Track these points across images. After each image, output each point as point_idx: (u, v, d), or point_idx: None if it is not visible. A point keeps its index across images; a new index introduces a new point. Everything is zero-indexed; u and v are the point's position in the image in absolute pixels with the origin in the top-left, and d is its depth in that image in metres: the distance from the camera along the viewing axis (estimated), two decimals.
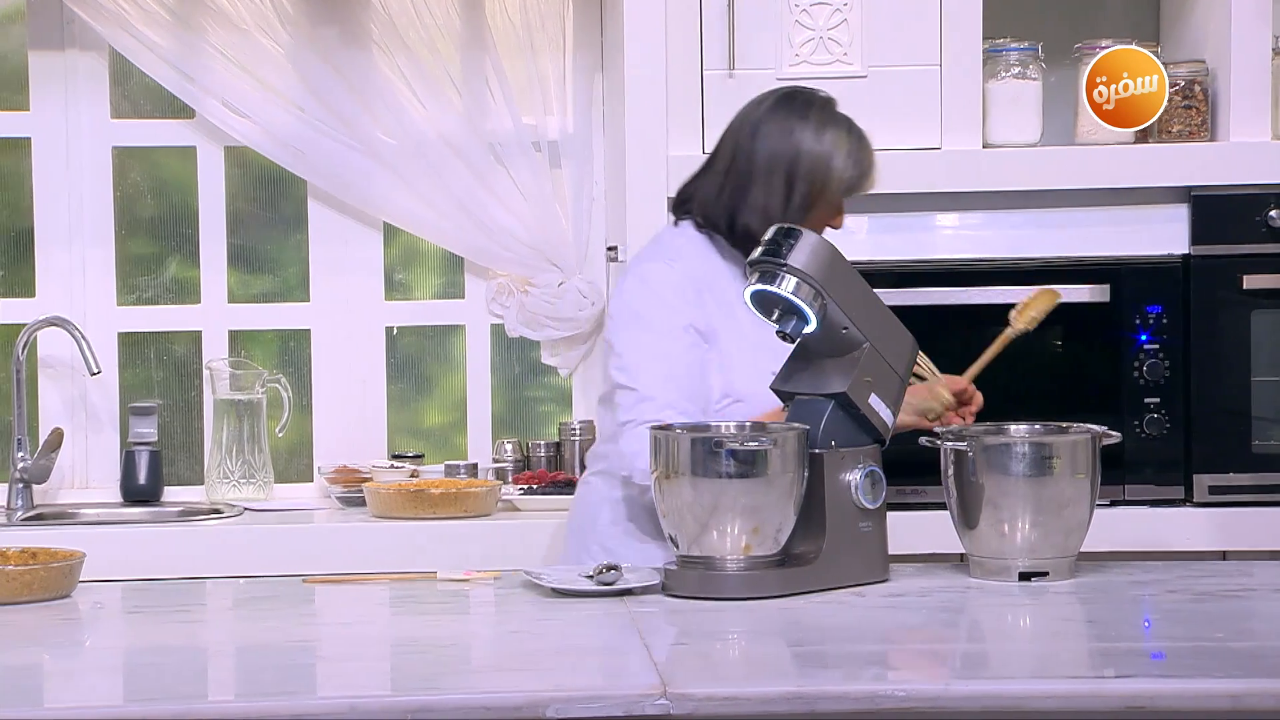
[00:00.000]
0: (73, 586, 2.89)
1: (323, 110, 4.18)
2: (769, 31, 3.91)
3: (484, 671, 2.50)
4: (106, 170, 4.28)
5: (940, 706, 2.32)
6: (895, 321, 3.03)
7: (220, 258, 4.33)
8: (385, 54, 4.20)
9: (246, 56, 4.18)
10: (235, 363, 4.29)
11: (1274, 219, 3.89)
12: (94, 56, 4.25)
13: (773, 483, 2.84)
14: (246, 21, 4.18)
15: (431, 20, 4.21)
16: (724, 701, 2.32)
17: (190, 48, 4.17)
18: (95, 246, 4.28)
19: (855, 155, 3.24)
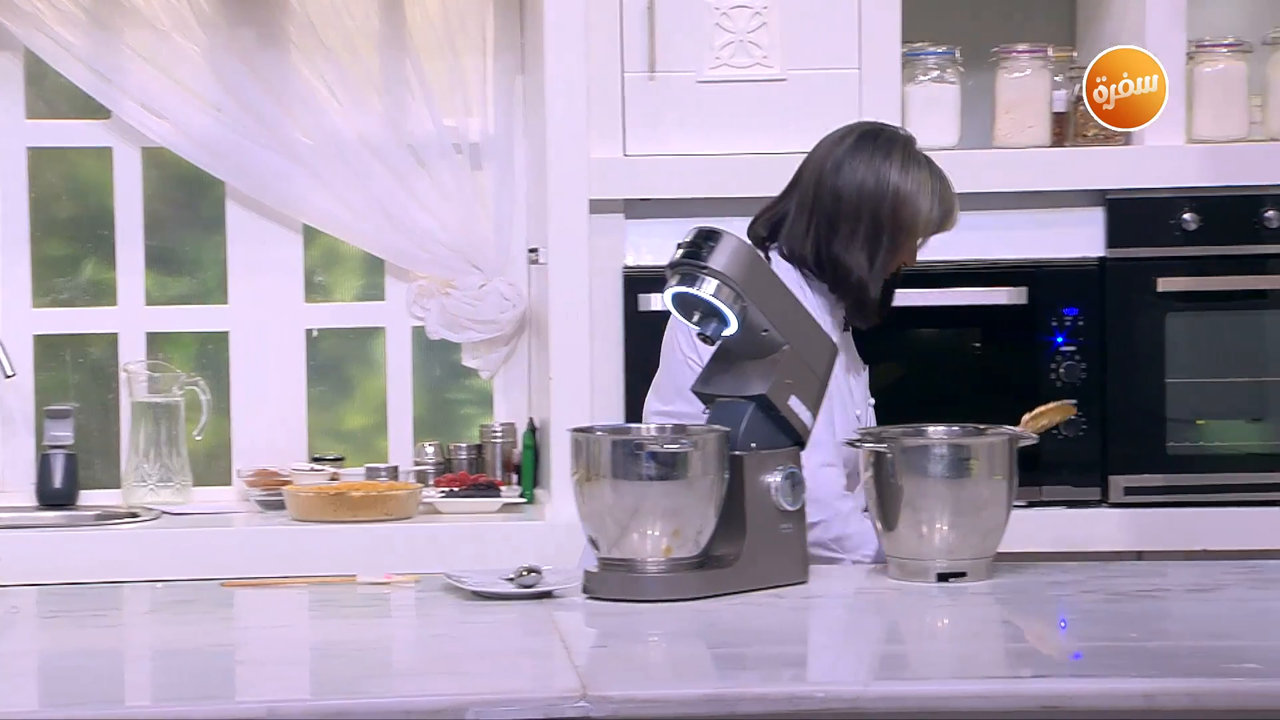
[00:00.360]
0: None
1: (241, 111, 4.15)
2: (689, 34, 3.92)
3: (404, 675, 2.49)
4: (22, 171, 4.24)
5: (859, 707, 2.33)
6: (815, 324, 3.04)
7: (138, 259, 4.29)
8: (304, 55, 4.18)
9: (163, 57, 4.15)
10: (153, 365, 4.25)
11: (1188, 222, 3.93)
12: (8, 57, 4.21)
13: (693, 485, 2.85)
14: (163, 22, 4.14)
15: (351, 21, 4.19)
16: (644, 703, 2.32)
17: (106, 48, 4.14)
18: (10, 248, 4.24)
19: (939, 194, 3.26)
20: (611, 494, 2.85)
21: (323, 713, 2.26)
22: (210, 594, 2.99)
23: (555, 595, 2.86)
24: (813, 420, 3.00)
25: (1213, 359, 3.98)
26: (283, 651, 2.64)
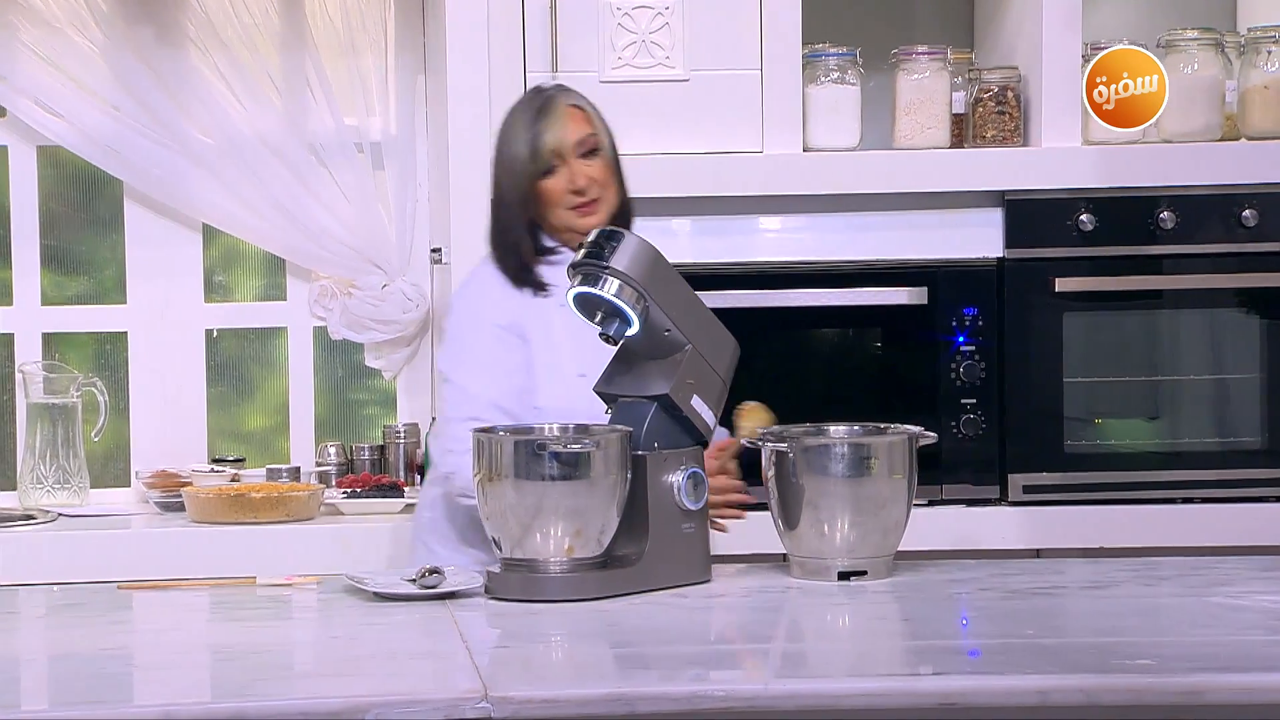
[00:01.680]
0: None
1: (138, 109, 4.11)
2: (591, 34, 3.92)
3: (304, 677, 2.48)
4: None
5: (758, 706, 2.34)
6: (718, 324, 3.05)
7: (33, 259, 4.24)
8: (202, 53, 4.14)
9: (59, 54, 4.10)
10: (49, 366, 4.20)
11: (1084, 223, 3.98)
12: None
13: (595, 485, 2.85)
14: (59, 19, 4.10)
15: (250, 19, 4.16)
16: (544, 704, 2.32)
17: (1, 45, 4.08)
18: None
19: (534, 129, 3.22)
20: (514, 494, 2.84)
21: (219, 715, 2.25)
22: (107, 597, 2.96)
23: (457, 596, 2.86)
24: (715, 420, 3.01)
25: (1109, 358, 4.03)
26: (181, 654, 2.62)
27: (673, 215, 3.96)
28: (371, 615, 2.77)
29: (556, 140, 3.22)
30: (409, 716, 2.27)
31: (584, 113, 3.26)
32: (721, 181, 3.94)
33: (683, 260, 3.55)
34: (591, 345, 3.12)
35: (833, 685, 2.40)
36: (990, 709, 2.35)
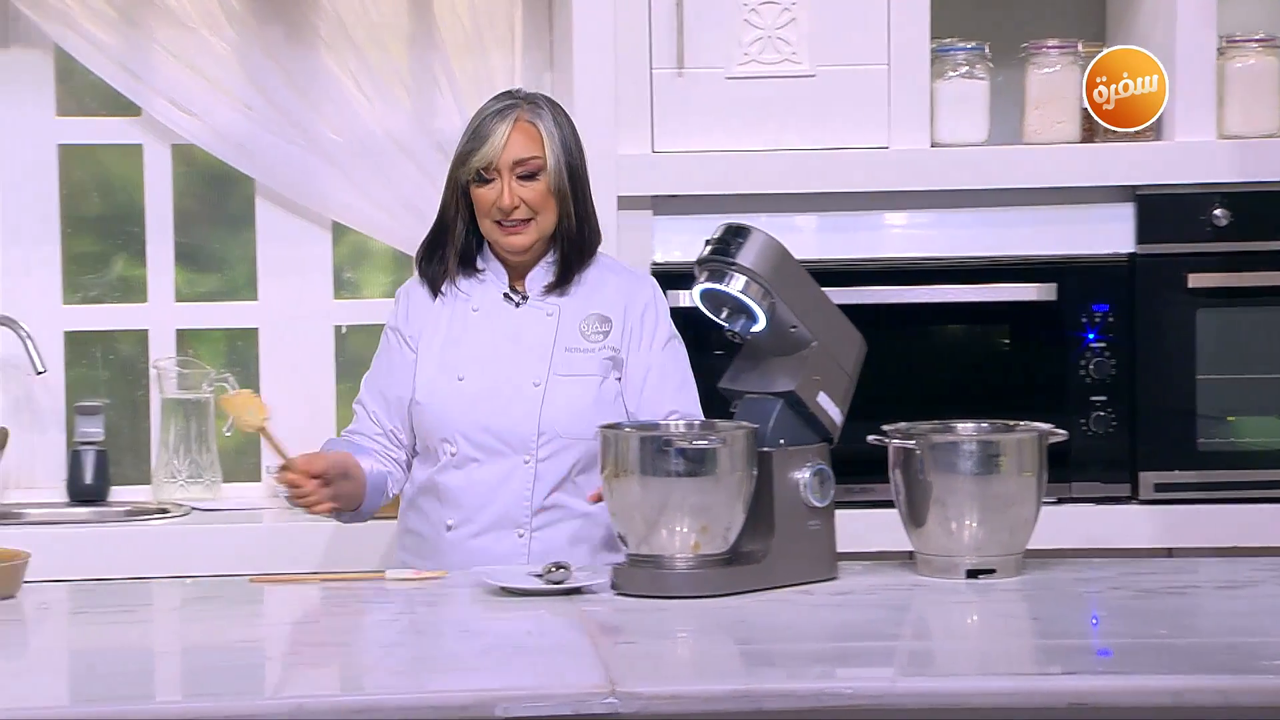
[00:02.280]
0: (18, 587, 2.87)
1: (270, 108, 4.16)
2: (718, 30, 3.92)
3: (433, 671, 2.49)
4: (52, 169, 4.26)
5: (886, 704, 2.32)
6: (844, 320, 3.04)
7: (167, 256, 4.31)
8: (333, 52, 4.18)
9: (193, 54, 4.16)
10: (183, 362, 4.26)
11: (1218, 218, 3.92)
12: (39, 54, 4.22)
13: (721, 481, 2.85)
14: (193, 19, 4.15)
15: (380, 19, 4.20)
16: (671, 700, 2.32)
17: (137, 46, 4.15)
18: (41, 245, 4.25)
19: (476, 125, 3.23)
20: (640, 490, 2.85)
21: (350, 708, 2.27)
22: (239, 590, 3.00)
23: (583, 591, 2.87)
24: (841, 416, 3.00)
25: (1243, 355, 3.97)
26: (311, 648, 2.65)
27: (797, 211, 3.96)
28: (498, 610, 2.79)
29: (493, 153, 3.20)
30: (537, 711, 2.28)
31: (536, 133, 3.22)
32: (847, 177, 3.92)
33: (808, 256, 3.53)
34: (481, 349, 3.20)
35: (961, 684, 2.38)
36: (1122, 709, 2.33)
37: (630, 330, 3.26)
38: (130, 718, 2.26)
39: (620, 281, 3.31)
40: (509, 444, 3.20)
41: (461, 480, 3.21)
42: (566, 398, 3.21)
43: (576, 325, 3.25)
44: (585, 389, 3.22)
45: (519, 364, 3.22)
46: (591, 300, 3.27)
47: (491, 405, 3.20)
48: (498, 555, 3.18)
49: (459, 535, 3.21)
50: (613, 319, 3.26)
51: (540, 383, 3.21)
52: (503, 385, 3.21)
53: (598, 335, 3.25)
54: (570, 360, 3.23)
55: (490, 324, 3.24)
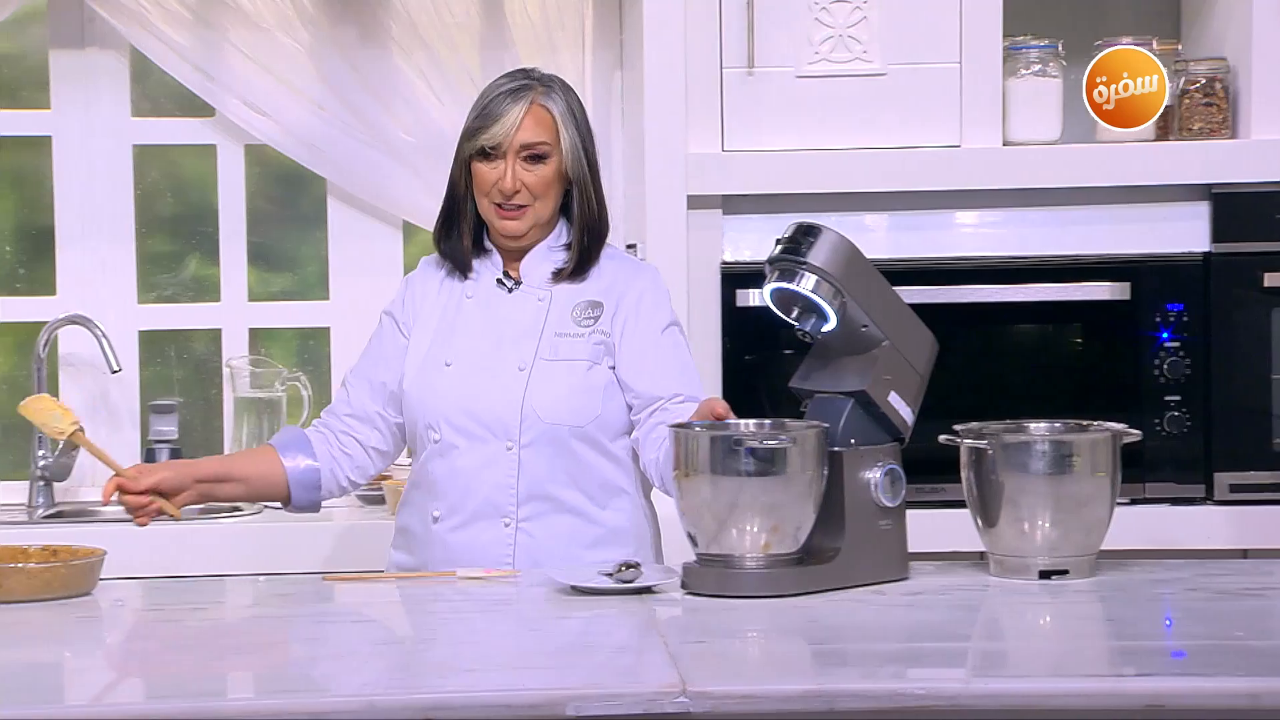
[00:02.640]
0: (93, 584, 2.89)
1: (342, 108, 4.18)
2: (788, 29, 3.91)
3: (503, 668, 2.50)
4: (127, 169, 4.29)
5: (959, 705, 2.31)
6: (915, 319, 3.02)
7: (240, 256, 4.34)
8: (404, 52, 4.20)
9: (267, 55, 4.19)
10: (255, 361, 4.29)
11: None
12: (114, 55, 4.26)
13: (792, 481, 2.84)
14: (267, 20, 4.18)
15: (451, 19, 4.21)
16: (742, 699, 2.31)
17: (211, 46, 4.18)
18: (115, 245, 4.29)
19: (479, 104, 3.15)
20: (710, 490, 2.84)
21: (420, 706, 2.27)
22: (310, 588, 3.02)
23: (654, 590, 2.87)
24: (913, 416, 2.99)
25: None
26: (381, 645, 2.66)
27: (868, 210, 3.95)
28: (568, 609, 2.79)
29: (503, 133, 3.11)
30: (608, 710, 2.28)
31: (550, 118, 3.13)
32: (918, 176, 3.91)
33: (879, 255, 3.53)
34: (470, 335, 3.15)
35: (1035, 685, 2.37)
36: (1198, 711, 2.31)
37: (624, 316, 3.17)
38: (202, 715, 2.27)
39: (617, 268, 3.22)
40: (490, 429, 3.12)
41: (445, 468, 3.14)
42: (551, 383, 3.13)
43: (568, 311, 3.17)
44: (570, 374, 3.14)
45: (506, 349, 3.15)
46: (585, 286, 3.19)
47: (474, 389, 3.13)
48: (483, 546, 3.12)
49: (444, 527, 3.15)
50: (603, 303, 3.18)
51: (525, 367, 3.14)
52: (488, 370, 3.14)
53: (588, 320, 3.17)
54: (558, 345, 3.15)
55: (482, 311, 3.19)
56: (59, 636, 2.70)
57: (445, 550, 3.15)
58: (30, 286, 4.31)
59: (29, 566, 2.84)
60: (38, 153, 4.29)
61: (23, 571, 2.82)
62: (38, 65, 4.28)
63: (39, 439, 4.16)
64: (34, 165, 4.30)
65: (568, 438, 3.13)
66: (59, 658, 2.60)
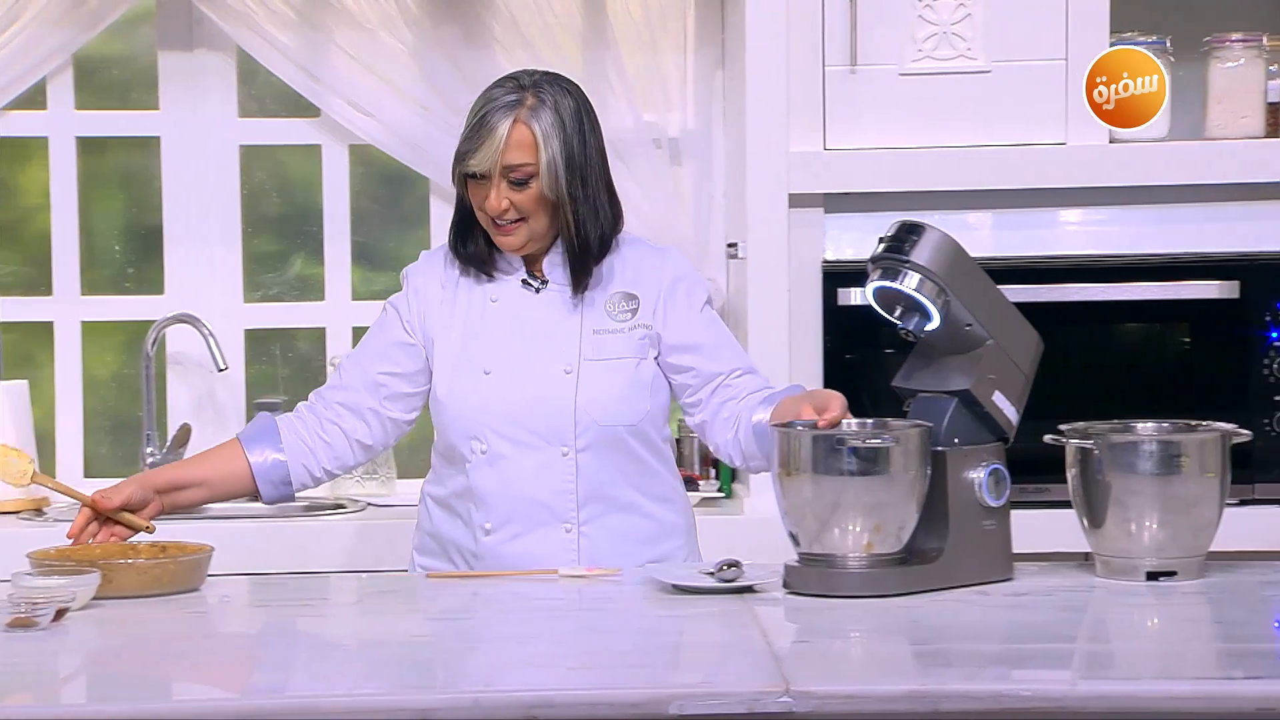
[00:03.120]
0: (201, 580, 2.92)
1: (445, 108, 4.20)
2: (892, 26, 3.89)
3: (606, 667, 2.50)
4: (233, 169, 4.34)
5: (1065, 707, 2.29)
6: (1020, 318, 3.00)
7: (344, 255, 4.37)
8: (507, 52, 4.22)
9: (371, 55, 4.22)
10: None
11: None
12: (222, 56, 4.31)
13: (895, 480, 2.82)
14: (371, 21, 4.21)
15: (554, 18, 4.23)
16: (846, 699, 2.31)
17: (316, 47, 4.22)
18: (222, 244, 4.34)
19: (471, 124, 3.09)
20: (812, 489, 2.83)
21: (526, 704, 2.28)
22: (415, 585, 3.04)
23: (756, 590, 2.86)
24: (1017, 416, 2.96)
25: None
26: (485, 643, 2.67)
27: (972, 209, 3.92)
28: (670, 608, 2.79)
29: (485, 161, 3.05)
30: (710, 709, 2.28)
31: (533, 140, 3.04)
32: (1023, 174, 3.88)
33: (983, 254, 3.50)
34: (505, 340, 3.10)
35: (1142, 687, 2.34)
36: None
37: (663, 302, 3.14)
38: (308, 710, 2.29)
39: (641, 257, 3.17)
40: (543, 436, 3.08)
41: (495, 479, 3.09)
42: (601, 383, 3.09)
43: (602, 306, 3.13)
44: (620, 372, 3.10)
45: (546, 351, 3.10)
46: (615, 279, 3.14)
47: (522, 397, 3.07)
48: (543, 555, 3.08)
49: (498, 539, 3.11)
50: (639, 295, 3.14)
51: (571, 370, 3.09)
52: (532, 375, 3.09)
53: (625, 314, 3.13)
54: (600, 343, 3.11)
55: (511, 313, 3.12)
56: (167, 632, 2.73)
57: (500, 562, 3.10)
58: (139, 286, 4.37)
59: (138, 563, 2.87)
60: (146, 153, 4.34)
61: (132, 568, 2.86)
62: (147, 66, 4.33)
63: (147, 436, 4.21)
64: (143, 165, 4.36)
65: (625, 437, 3.11)
66: (167, 653, 2.63)
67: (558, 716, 2.27)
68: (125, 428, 4.36)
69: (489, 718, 2.27)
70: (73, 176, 4.30)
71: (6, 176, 4.36)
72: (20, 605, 2.63)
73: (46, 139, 4.30)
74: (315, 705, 2.29)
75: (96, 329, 4.35)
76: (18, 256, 4.36)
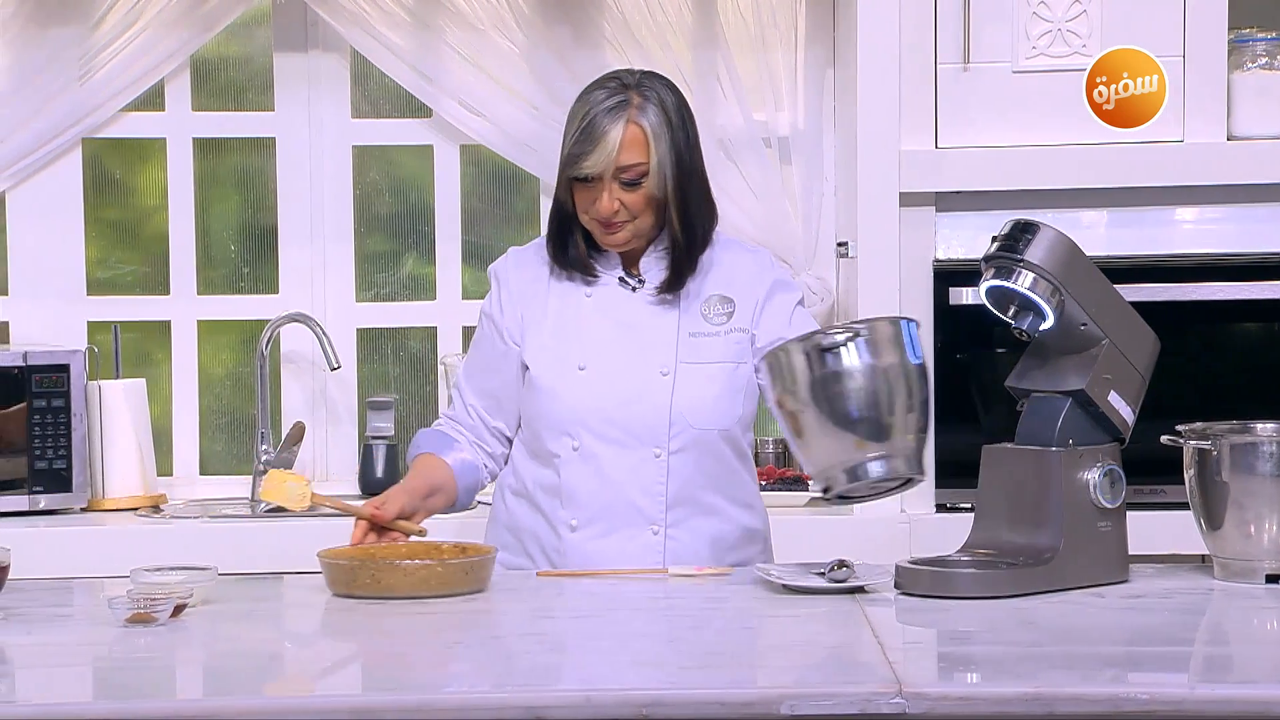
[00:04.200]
0: (476, 582, 2.89)
1: (556, 108, 4.21)
2: (1005, 23, 3.86)
3: (717, 667, 2.50)
4: (347, 169, 4.38)
5: (1184, 710, 2.26)
6: (1136, 317, 2.97)
7: (455, 254, 4.40)
8: (618, 52, 4.23)
9: (482, 55, 4.24)
10: None
11: None
12: (336, 58, 4.35)
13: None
14: (483, 21, 4.23)
15: (664, 18, 4.23)
16: (959, 701, 2.29)
17: (428, 48, 4.24)
18: (335, 244, 4.38)
19: (582, 127, 3.05)
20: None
21: (639, 703, 2.28)
22: (525, 582, 3.05)
23: (867, 590, 2.85)
24: (1133, 416, 2.93)
25: None
26: (597, 641, 2.67)
27: (1086, 207, 3.89)
28: (780, 607, 2.79)
29: (600, 164, 3.04)
30: (823, 710, 2.27)
31: (645, 137, 3.04)
32: (1139, 172, 3.84)
33: (1097, 253, 3.45)
34: (600, 338, 3.08)
35: (1262, 691, 2.31)
36: None
37: (760, 306, 3.13)
38: (421, 708, 2.30)
39: (739, 259, 3.17)
40: (637, 436, 3.07)
41: (585, 476, 3.09)
42: (698, 386, 3.08)
43: (697, 309, 3.12)
44: (716, 376, 3.10)
45: (643, 351, 3.10)
46: (710, 281, 3.13)
47: (618, 396, 3.07)
48: (629, 555, 3.08)
49: (584, 536, 3.11)
50: (734, 299, 3.13)
51: (669, 371, 3.09)
52: (628, 374, 3.08)
53: (721, 317, 3.12)
54: (697, 346, 3.11)
55: (606, 311, 3.12)
56: (283, 630, 2.76)
57: (584, 559, 3.10)
58: (254, 285, 4.41)
59: (406, 564, 2.85)
60: (262, 154, 4.39)
61: (399, 569, 2.84)
62: (263, 68, 4.38)
63: (261, 434, 4.26)
64: (258, 166, 4.40)
65: (717, 441, 3.11)
66: (284, 648, 2.66)
67: (669, 716, 2.27)
68: (240, 426, 4.41)
69: (600, 716, 2.27)
70: (190, 177, 4.36)
71: (125, 177, 4.42)
72: (139, 601, 2.67)
73: (164, 140, 4.36)
74: (428, 703, 2.30)
75: (212, 328, 4.40)
76: (136, 256, 4.42)
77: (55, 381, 4.01)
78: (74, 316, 4.31)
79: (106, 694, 2.37)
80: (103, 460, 4.11)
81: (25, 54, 4.20)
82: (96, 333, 4.30)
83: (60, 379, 4.02)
